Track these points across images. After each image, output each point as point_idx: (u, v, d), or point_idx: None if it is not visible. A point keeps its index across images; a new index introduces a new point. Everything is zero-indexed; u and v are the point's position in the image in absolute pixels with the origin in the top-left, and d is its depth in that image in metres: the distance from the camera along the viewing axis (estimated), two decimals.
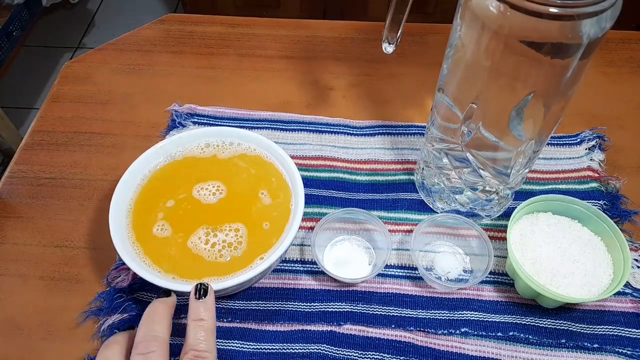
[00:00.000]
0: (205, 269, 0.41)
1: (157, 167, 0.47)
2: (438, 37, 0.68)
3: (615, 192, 0.52)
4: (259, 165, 0.47)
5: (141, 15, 1.80)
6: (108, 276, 0.47)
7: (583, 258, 0.44)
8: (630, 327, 0.44)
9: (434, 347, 0.44)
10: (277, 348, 0.44)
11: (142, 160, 0.46)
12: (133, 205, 0.44)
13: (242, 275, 0.39)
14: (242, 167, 0.47)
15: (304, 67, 0.65)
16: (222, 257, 0.41)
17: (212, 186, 0.45)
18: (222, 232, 0.43)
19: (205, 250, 0.42)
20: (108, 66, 0.66)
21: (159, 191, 0.45)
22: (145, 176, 0.46)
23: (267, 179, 0.46)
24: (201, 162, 0.48)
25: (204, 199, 0.45)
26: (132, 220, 0.44)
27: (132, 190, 0.45)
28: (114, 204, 0.43)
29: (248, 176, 0.46)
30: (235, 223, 0.43)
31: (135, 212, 0.44)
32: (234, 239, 0.42)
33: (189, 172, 0.47)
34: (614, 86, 0.63)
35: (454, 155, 0.45)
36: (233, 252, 0.42)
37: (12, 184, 0.55)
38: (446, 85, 0.42)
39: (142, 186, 0.46)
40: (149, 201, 0.45)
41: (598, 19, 0.32)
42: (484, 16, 0.34)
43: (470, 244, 0.48)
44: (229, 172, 0.47)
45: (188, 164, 0.47)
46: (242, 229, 0.43)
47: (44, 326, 0.46)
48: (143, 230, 0.43)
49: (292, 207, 0.44)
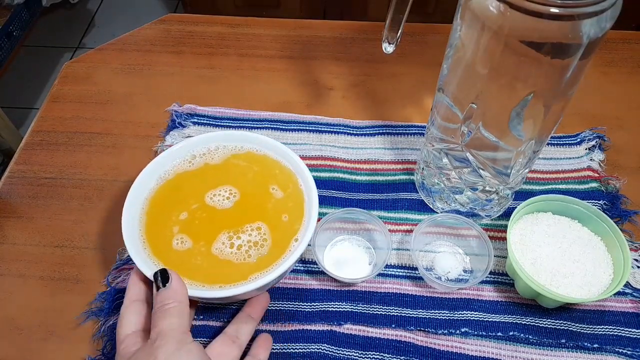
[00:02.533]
0: (234, 272, 0.41)
1: (155, 189, 0.45)
2: (438, 37, 0.68)
3: (615, 192, 0.52)
4: (256, 162, 0.47)
5: (141, 15, 1.80)
6: (109, 276, 0.47)
7: (583, 258, 0.44)
8: (630, 327, 0.44)
9: (434, 347, 0.44)
10: (277, 348, 0.44)
11: (147, 173, 0.45)
12: (145, 219, 0.43)
13: (284, 264, 0.39)
14: (244, 166, 0.47)
15: (304, 67, 0.66)
16: (250, 258, 0.41)
17: (224, 191, 0.45)
18: (244, 233, 0.43)
19: (232, 253, 0.41)
20: (108, 66, 0.66)
21: (169, 204, 0.44)
22: (153, 189, 0.45)
23: (271, 173, 0.46)
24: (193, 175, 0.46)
25: (219, 205, 0.44)
26: (145, 234, 0.42)
27: (141, 201, 0.44)
28: (126, 216, 0.42)
29: (254, 174, 0.46)
30: (255, 222, 0.43)
31: (148, 230, 0.43)
32: (259, 237, 0.42)
33: (185, 187, 0.46)
34: (614, 86, 0.63)
35: (454, 155, 0.45)
36: (260, 250, 0.42)
37: (12, 184, 0.55)
38: (446, 85, 0.42)
39: (150, 200, 0.44)
40: (160, 215, 0.44)
41: (598, 19, 0.32)
42: (484, 16, 0.34)
43: (470, 244, 0.48)
44: (233, 174, 0.46)
45: (180, 181, 0.46)
46: (264, 227, 0.43)
47: (44, 326, 0.46)
48: (161, 245, 0.42)
49: (303, 189, 0.45)
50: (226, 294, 0.38)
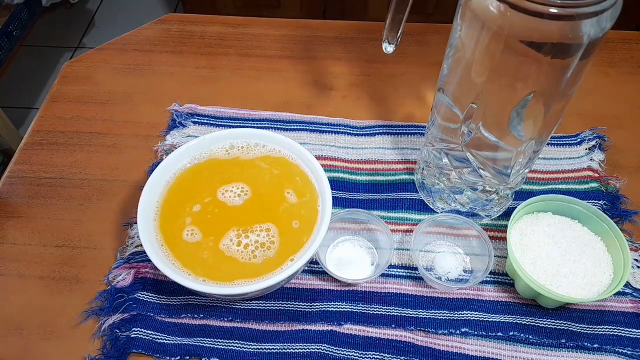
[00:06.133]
0: (238, 271, 0.41)
1: (182, 170, 0.47)
2: (438, 37, 0.68)
3: (615, 192, 0.52)
4: (283, 166, 0.47)
5: (141, 15, 1.80)
6: (109, 275, 0.47)
7: (583, 258, 0.44)
8: (630, 327, 0.44)
9: (434, 347, 0.44)
10: (277, 348, 0.44)
11: (168, 163, 0.46)
12: (160, 210, 0.44)
13: (274, 277, 0.39)
14: (265, 168, 0.47)
15: (304, 67, 0.66)
16: (255, 258, 0.42)
17: (236, 188, 0.45)
18: (253, 232, 0.43)
19: (238, 251, 0.42)
20: (108, 66, 0.66)
21: (184, 195, 0.45)
22: (171, 178, 0.46)
23: (291, 179, 0.46)
24: (224, 164, 0.47)
25: (229, 201, 0.45)
26: (159, 224, 0.44)
27: (158, 192, 0.45)
28: (142, 206, 0.43)
29: (271, 177, 0.46)
30: (265, 223, 0.43)
31: (162, 216, 0.44)
32: (266, 239, 0.42)
33: (212, 174, 0.47)
34: (614, 86, 0.63)
35: (454, 155, 0.45)
36: (266, 252, 0.42)
37: (12, 184, 0.55)
38: (446, 85, 0.42)
39: (168, 190, 0.45)
40: (175, 206, 0.45)
41: (598, 19, 0.32)
42: (484, 16, 0.34)
43: (470, 244, 0.48)
44: (251, 173, 0.47)
45: (211, 166, 0.47)
46: (273, 229, 0.43)
47: (44, 326, 0.46)
48: (172, 235, 0.43)
49: (320, 207, 0.44)
50: (227, 291, 0.39)
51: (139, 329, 0.45)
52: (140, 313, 0.45)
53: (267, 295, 0.46)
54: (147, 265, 0.48)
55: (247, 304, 0.46)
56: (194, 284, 0.39)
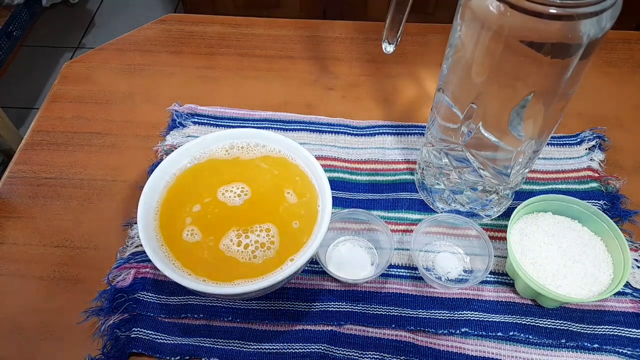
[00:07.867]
0: (238, 271, 0.41)
1: (182, 170, 0.47)
2: (438, 37, 0.68)
3: (615, 192, 0.52)
4: (282, 166, 0.47)
5: (141, 15, 1.80)
6: (109, 275, 0.47)
7: (583, 258, 0.44)
8: (630, 327, 0.44)
9: (434, 347, 0.44)
10: (277, 348, 0.44)
11: (168, 163, 0.46)
12: (160, 210, 0.44)
13: (274, 277, 0.39)
14: (265, 168, 0.47)
15: (304, 67, 0.66)
16: (255, 258, 0.42)
17: (236, 188, 0.45)
18: (253, 232, 0.43)
19: (238, 251, 0.42)
20: (108, 66, 0.66)
21: (184, 195, 0.45)
22: (171, 178, 0.46)
23: (291, 179, 0.46)
24: (224, 164, 0.47)
25: (229, 201, 0.45)
26: (159, 224, 0.43)
27: (158, 192, 0.45)
28: (142, 206, 0.43)
29: (271, 177, 0.46)
30: (265, 223, 0.43)
31: (162, 216, 0.44)
32: (266, 239, 0.42)
33: (212, 174, 0.47)
34: (614, 86, 0.63)
35: (454, 155, 0.45)
36: (266, 252, 0.42)
37: (12, 184, 0.55)
38: (446, 85, 0.42)
39: (168, 190, 0.45)
40: (175, 206, 0.44)
41: (598, 19, 0.32)
42: (484, 16, 0.34)
43: (470, 244, 0.48)
44: (251, 173, 0.47)
45: (211, 166, 0.47)
46: (273, 229, 0.43)
47: (44, 326, 0.46)
48: (172, 235, 0.43)
49: (320, 207, 0.44)
50: (227, 291, 0.39)
51: (139, 329, 0.45)
52: (140, 313, 0.45)
53: (267, 295, 0.46)
54: (147, 265, 0.48)
55: (247, 304, 0.46)
56: (194, 284, 0.39)
